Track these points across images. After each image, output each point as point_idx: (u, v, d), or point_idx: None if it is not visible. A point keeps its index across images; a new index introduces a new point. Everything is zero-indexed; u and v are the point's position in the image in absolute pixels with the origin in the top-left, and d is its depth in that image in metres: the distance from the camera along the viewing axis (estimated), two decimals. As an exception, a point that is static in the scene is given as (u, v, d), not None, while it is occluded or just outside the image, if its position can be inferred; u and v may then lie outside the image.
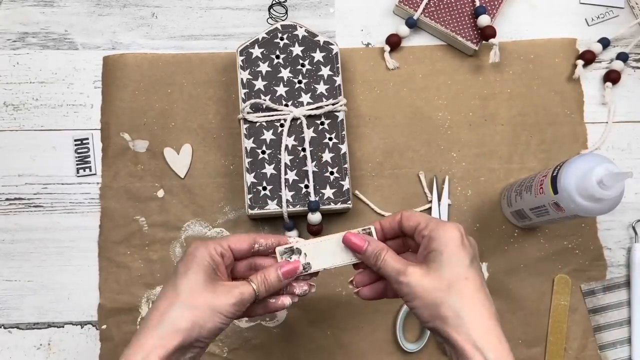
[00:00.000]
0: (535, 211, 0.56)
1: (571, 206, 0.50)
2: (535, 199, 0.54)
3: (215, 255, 0.44)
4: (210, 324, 0.41)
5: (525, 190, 0.57)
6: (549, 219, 0.56)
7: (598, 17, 0.69)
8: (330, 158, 0.61)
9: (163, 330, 0.40)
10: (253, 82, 0.61)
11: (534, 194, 0.54)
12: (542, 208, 0.54)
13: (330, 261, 0.46)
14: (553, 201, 0.51)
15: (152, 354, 0.40)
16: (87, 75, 0.66)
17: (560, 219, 0.54)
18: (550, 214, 0.54)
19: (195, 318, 0.41)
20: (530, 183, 0.56)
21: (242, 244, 0.45)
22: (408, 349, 0.60)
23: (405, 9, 0.66)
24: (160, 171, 0.64)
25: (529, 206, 0.56)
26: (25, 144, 0.64)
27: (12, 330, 0.61)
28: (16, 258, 0.62)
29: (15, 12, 0.67)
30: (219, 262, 0.44)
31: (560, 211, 0.52)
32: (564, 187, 0.49)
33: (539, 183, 0.54)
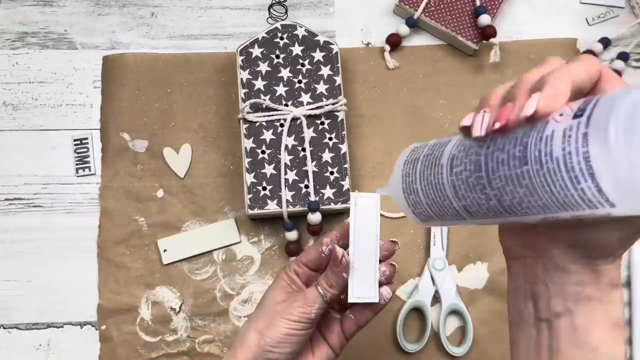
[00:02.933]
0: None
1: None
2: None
3: (290, 274, 0.44)
4: (273, 330, 0.41)
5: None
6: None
7: (599, 16, 0.69)
8: (330, 158, 0.60)
9: (239, 348, 0.42)
10: (253, 81, 0.61)
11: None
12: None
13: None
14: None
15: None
16: (87, 75, 0.66)
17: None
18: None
19: (258, 328, 0.42)
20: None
21: (310, 253, 0.45)
22: (408, 350, 0.60)
23: (406, 9, 0.66)
24: (159, 171, 0.64)
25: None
26: (24, 143, 0.64)
27: (12, 330, 0.61)
28: (15, 258, 0.62)
29: (14, 12, 0.67)
30: (294, 278, 0.44)
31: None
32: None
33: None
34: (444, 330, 0.61)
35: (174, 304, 0.61)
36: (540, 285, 0.32)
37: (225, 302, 0.62)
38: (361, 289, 0.42)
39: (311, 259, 0.45)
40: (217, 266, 0.62)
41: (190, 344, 0.61)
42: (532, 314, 0.33)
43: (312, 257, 0.45)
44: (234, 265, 0.62)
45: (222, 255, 0.63)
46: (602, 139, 0.23)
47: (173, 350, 0.61)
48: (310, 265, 0.45)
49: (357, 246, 0.42)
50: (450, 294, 0.61)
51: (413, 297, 0.61)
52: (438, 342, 0.61)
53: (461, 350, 0.60)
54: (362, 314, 0.44)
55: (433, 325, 0.62)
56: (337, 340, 0.45)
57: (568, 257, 0.31)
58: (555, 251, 0.31)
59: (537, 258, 0.32)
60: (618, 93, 0.24)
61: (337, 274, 0.41)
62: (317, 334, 0.45)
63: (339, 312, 0.46)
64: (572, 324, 0.31)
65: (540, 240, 0.32)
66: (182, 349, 0.61)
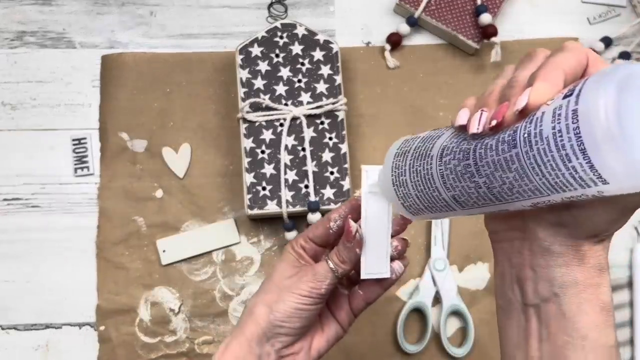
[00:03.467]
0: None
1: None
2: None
3: (297, 248, 0.43)
4: (282, 304, 0.40)
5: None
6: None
7: (600, 16, 0.69)
8: (330, 158, 0.60)
9: (247, 321, 0.41)
10: (252, 81, 0.61)
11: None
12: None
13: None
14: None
15: (233, 342, 0.41)
16: (85, 75, 0.66)
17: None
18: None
19: (267, 302, 0.41)
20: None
21: (317, 228, 0.44)
22: (409, 351, 0.60)
23: (406, 8, 0.66)
24: (158, 171, 0.63)
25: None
26: (22, 143, 0.64)
27: (10, 331, 0.61)
28: (14, 258, 0.62)
29: (13, 11, 0.67)
30: (301, 253, 0.43)
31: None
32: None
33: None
34: (444, 331, 0.61)
35: (173, 305, 0.61)
36: (526, 269, 0.32)
37: (224, 302, 0.61)
38: (373, 265, 0.41)
39: (318, 234, 0.43)
40: (216, 267, 0.62)
41: (189, 345, 0.60)
42: (519, 299, 0.32)
43: (319, 233, 0.43)
44: (233, 266, 0.62)
45: (222, 255, 0.62)
46: (593, 113, 0.23)
47: (172, 351, 0.60)
48: (317, 241, 0.44)
49: (369, 221, 0.41)
50: (451, 295, 0.61)
51: (414, 298, 0.61)
52: (439, 343, 0.61)
53: (462, 351, 0.60)
54: (371, 290, 0.43)
55: (434, 326, 0.61)
56: (345, 316, 0.44)
57: (554, 238, 0.30)
58: (541, 232, 0.31)
59: (523, 240, 0.32)
60: (606, 70, 0.24)
61: (349, 249, 0.40)
62: (325, 310, 0.44)
63: (347, 287, 0.45)
64: (560, 309, 0.30)
65: (526, 221, 0.32)
66: (181, 350, 0.60)
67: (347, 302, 0.44)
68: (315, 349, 0.43)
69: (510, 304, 0.33)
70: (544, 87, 0.26)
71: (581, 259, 0.30)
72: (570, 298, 0.30)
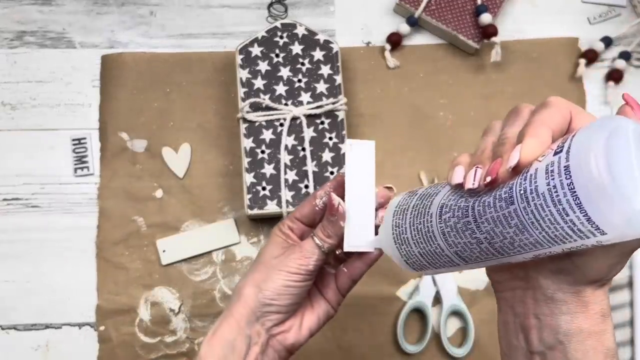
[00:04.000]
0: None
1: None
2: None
3: (284, 229, 0.43)
4: (271, 282, 0.40)
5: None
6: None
7: (600, 16, 0.69)
8: (330, 158, 0.60)
9: (235, 303, 0.41)
10: (252, 81, 0.61)
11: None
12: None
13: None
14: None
15: (222, 325, 0.41)
16: (85, 74, 0.66)
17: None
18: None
19: (256, 281, 0.41)
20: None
21: (304, 208, 0.44)
22: (409, 351, 0.60)
23: (406, 8, 0.66)
24: (158, 171, 0.63)
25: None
26: (22, 143, 0.64)
27: (10, 331, 0.61)
28: (13, 258, 0.62)
29: (13, 11, 0.67)
30: (288, 233, 0.43)
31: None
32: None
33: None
34: (444, 331, 0.60)
35: (173, 305, 0.61)
36: (530, 318, 0.32)
37: (224, 303, 0.61)
38: (357, 238, 0.41)
39: (305, 213, 0.44)
40: (216, 267, 0.62)
41: (189, 345, 0.60)
42: (524, 347, 0.33)
43: (305, 212, 0.43)
44: (233, 266, 0.62)
45: (222, 255, 0.62)
46: (584, 168, 0.24)
47: (172, 351, 0.60)
48: (304, 220, 0.44)
49: (353, 194, 0.41)
50: (451, 295, 0.61)
51: (414, 298, 0.61)
52: (439, 343, 0.61)
53: (462, 352, 0.60)
54: (355, 267, 0.43)
55: (434, 326, 0.61)
56: (333, 295, 0.44)
57: (556, 286, 0.31)
58: (543, 280, 0.31)
59: (526, 290, 0.33)
60: (593, 124, 0.25)
61: (333, 223, 0.40)
62: (314, 289, 0.45)
63: (333, 267, 0.45)
64: (565, 357, 0.31)
65: (528, 271, 0.32)
66: (181, 350, 0.60)
67: (334, 281, 0.45)
68: (306, 326, 0.43)
69: (515, 352, 0.34)
70: (533, 143, 0.27)
71: (584, 306, 0.30)
72: (576, 345, 0.31)
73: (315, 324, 0.44)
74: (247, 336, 0.40)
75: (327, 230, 0.41)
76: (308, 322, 0.43)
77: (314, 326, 0.43)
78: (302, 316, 0.43)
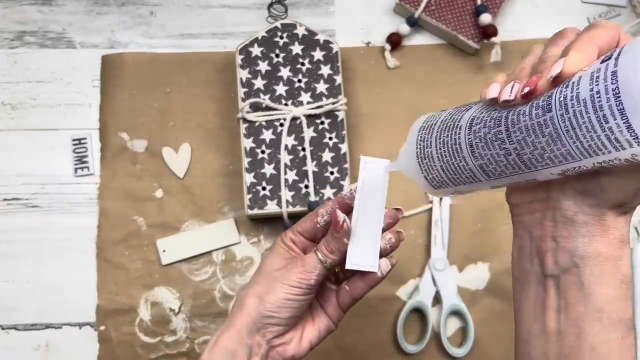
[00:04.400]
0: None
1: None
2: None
3: (287, 241, 0.44)
4: (272, 295, 0.40)
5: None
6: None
7: (600, 16, 0.69)
8: (330, 158, 0.60)
9: (237, 313, 0.41)
10: (252, 81, 0.61)
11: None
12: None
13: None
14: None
15: (224, 335, 0.41)
16: (85, 75, 0.66)
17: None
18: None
19: (258, 292, 0.41)
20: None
21: (305, 223, 0.44)
22: (409, 351, 0.60)
23: (406, 8, 0.66)
24: (158, 171, 0.63)
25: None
26: (22, 143, 0.64)
27: (10, 331, 0.61)
28: (14, 258, 0.62)
29: (13, 11, 0.67)
30: (291, 246, 0.44)
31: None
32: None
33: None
34: (444, 331, 0.61)
35: (173, 305, 0.61)
36: (547, 240, 0.32)
37: (224, 302, 0.61)
38: (361, 257, 0.41)
39: (306, 228, 0.44)
40: (216, 267, 0.62)
41: (189, 345, 0.60)
42: (538, 271, 0.32)
43: (307, 227, 0.44)
44: (233, 266, 0.62)
45: (222, 255, 0.62)
46: (633, 74, 0.23)
47: (172, 351, 0.60)
48: (306, 235, 0.44)
49: (361, 212, 0.40)
50: (451, 295, 0.61)
51: (414, 298, 0.61)
52: (439, 343, 0.61)
53: (462, 351, 0.60)
54: (357, 286, 0.43)
55: (434, 326, 0.61)
56: (333, 311, 0.44)
57: (578, 207, 0.30)
58: (565, 201, 0.31)
59: (545, 211, 0.32)
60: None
61: (337, 239, 0.40)
62: (315, 303, 0.45)
63: (334, 283, 0.45)
64: (579, 280, 0.30)
65: (551, 191, 0.32)
66: (181, 350, 0.60)
67: (335, 297, 0.45)
68: (306, 339, 0.43)
69: (528, 277, 0.33)
70: (579, 56, 0.26)
71: (604, 230, 0.30)
72: (591, 269, 0.30)
73: (316, 337, 0.44)
74: (247, 346, 0.40)
75: (331, 246, 0.41)
76: (308, 335, 0.43)
77: (315, 339, 0.44)
78: (302, 329, 0.43)
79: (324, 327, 0.44)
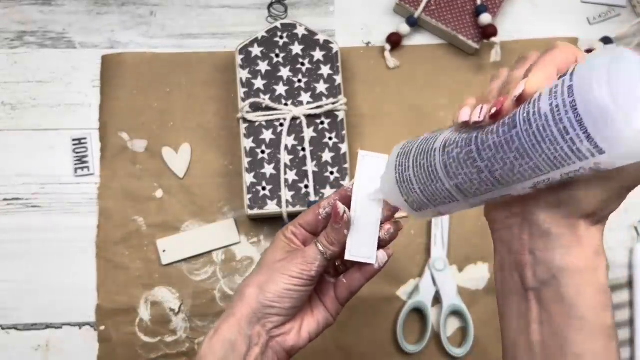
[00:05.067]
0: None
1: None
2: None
3: (287, 234, 0.44)
4: (273, 285, 0.41)
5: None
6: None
7: (600, 16, 0.69)
8: (330, 158, 0.60)
9: (237, 303, 0.42)
10: (252, 81, 0.61)
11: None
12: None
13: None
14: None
15: (223, 325, 0.41)
16: (85, 75, 0.66)
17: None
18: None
19: (258, 283, 0.42)
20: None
21: (307, 216, 0.45)
22: (408, 351, 0.60)
23: (406, 8, 0.66)
24: (158, 171, 0.63)
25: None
26: (22, 143, 0.64)
27: (10, 331, 0.61)
28: (14, 258, 0.62)
29: (13, 11, 0.67)
30: (292, 238, 0.44)
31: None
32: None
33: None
34: (444, 331, 0.61)
35: (173, 305, 0.61)
36: (525, 254, 0.33)
37: (224, 302, 0.61)
38: (359, 248, 0.42)
39: (308, 221, 0.44)
40: (216, 267, 0.62)
41: (189, 345, 0.60)
42: (519, 285, 0.33)
43: (309, 220, 0.44)
44: (233, 266, 0.62)
45: (222, 255, 0.62)
46: (586, 87, 0.24)
47: (172, 351, 0.60)
48: (307, 228, 0.45)
49: (360, 204, 0.41)
50: (451, 295, 0.61)
51: (413, 298, 0.61)
52: (439, 343, 0.61)
53: (462, 351, 0.60)
54: (354, 278, 0.44)
55: (434, 326, 0.61)
56: (332, 304, 0.45)
57: (552, 219, 0.31)
58: (539, 214, 0.32)
59: (522, 226, 0.33)
60: (595, 52, 0.26)
61: (337, 231, 0.41)
62: (314, 296, 0.45)
63: (334, 276, 0.46)
64: (559, 292, 0.31)
65: (525, 206, 0.33)
66: (181, 350, 0.60)
67: (334, 290, 0.45)
68: (305, 330, 0.44)
69: (511, 291, 0.34)
70: (539, 76, 0.28)
71: (579, 241, 0.31)
72: (569, 281, 0.31)
73: (315, 329, 0.44)
74: (247, 336, 0.41)
75: (331, 237, 0.41)
76: (307, 327, 0.44)
77: (313, 331, 0.44)
78: (302, 320, 0.44)
79: (323, 320, 0.45)
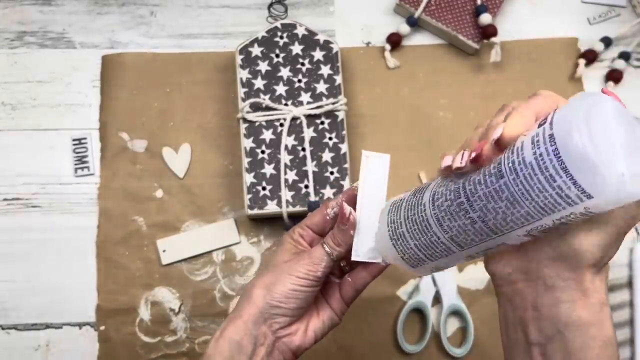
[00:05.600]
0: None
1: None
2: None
3: (294, 236, 0.45)
4: (280, 285, 0.41)
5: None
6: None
7: (600, 16, 0.69)
8: (330, 158, 0.60)
9: (245, 304, 0.42)
10: (252, 81, 0.61)
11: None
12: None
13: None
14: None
15: (230, 325, 0.41)
16: (86, 75, 0.66)
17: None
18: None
19: (265, 284, 0.42)
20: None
21: (315, 216, 0.45)
22: (408, 351, 0.60)
23: (406, 8, 0.66)
24: (158, 171, 0.63)
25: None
26: (23, 143, 0.64)
27: (10, 331, 0.61)
28: (14, 259, 0.62)
29: (13, 11, 0.67)
30: (298, 240, 0.45)
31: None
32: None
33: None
34: (444, 331, 0.61)
35: (173, 305, 0.61)
36: (529, 310, 0.33)
37: (224, 302, 0.61)
38: (365, 248, 0.42)
39: (315, 222, 0.45)
40: (216, 267, 0.62)
41: (189, 345, 0.60)
42: (523, 340, 0.34)
43: (316, 221, 0.45)
44: (233, 266, 0.62)
45: (222, 255, 0.62)
46: (567, 135, 0.25)
47: (172, 351, 0.60)
48: (315, 228, 0.45)
49: (364, 205, 0.42)
50: (451, 295, 0.61)
51: (413, 298, 0.61)
52: (439, 343, 0.61)
53: (462, 351, 0.60)
54: (360, 277, 0.44)
55: (434, 326, 0.61)
56: (337, 304, 0.45)
57: (556, 273, 0.31)
58: (543, 270, 0.32)
59: (526, 282, 0.33)
60: (572, 99, 0.26)
61: (344, 232, 0.41)
62: (320, 296, 0.46)
63: (339, 277, 0.46)
64: (565, 347, 0.31)
65: (530, 262, 0.33)
66: (181, 350, 0.60)
67: (339, 290, 0.45)
68: (311, 330, 0.44)
69: (515, 345, 0.34)
70: (517, 121, 0.29)
71: (584, 294, 0.31)
72: (575, 335, 0.31)
73: (320, 329, 0.44)
74: (253, 336, 0.41)
75: (337, 238, 0.42)
76: (314, 327, 0.44)
77: (319, 331, 0.44)
78: (308, 321, 0.44)
79: (328, 320, 0.45)
